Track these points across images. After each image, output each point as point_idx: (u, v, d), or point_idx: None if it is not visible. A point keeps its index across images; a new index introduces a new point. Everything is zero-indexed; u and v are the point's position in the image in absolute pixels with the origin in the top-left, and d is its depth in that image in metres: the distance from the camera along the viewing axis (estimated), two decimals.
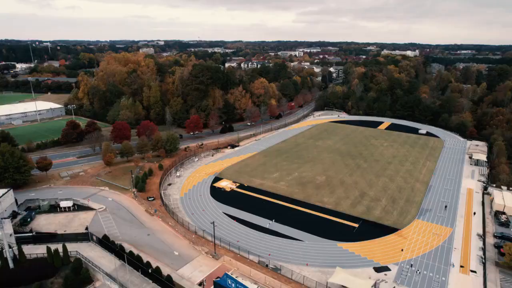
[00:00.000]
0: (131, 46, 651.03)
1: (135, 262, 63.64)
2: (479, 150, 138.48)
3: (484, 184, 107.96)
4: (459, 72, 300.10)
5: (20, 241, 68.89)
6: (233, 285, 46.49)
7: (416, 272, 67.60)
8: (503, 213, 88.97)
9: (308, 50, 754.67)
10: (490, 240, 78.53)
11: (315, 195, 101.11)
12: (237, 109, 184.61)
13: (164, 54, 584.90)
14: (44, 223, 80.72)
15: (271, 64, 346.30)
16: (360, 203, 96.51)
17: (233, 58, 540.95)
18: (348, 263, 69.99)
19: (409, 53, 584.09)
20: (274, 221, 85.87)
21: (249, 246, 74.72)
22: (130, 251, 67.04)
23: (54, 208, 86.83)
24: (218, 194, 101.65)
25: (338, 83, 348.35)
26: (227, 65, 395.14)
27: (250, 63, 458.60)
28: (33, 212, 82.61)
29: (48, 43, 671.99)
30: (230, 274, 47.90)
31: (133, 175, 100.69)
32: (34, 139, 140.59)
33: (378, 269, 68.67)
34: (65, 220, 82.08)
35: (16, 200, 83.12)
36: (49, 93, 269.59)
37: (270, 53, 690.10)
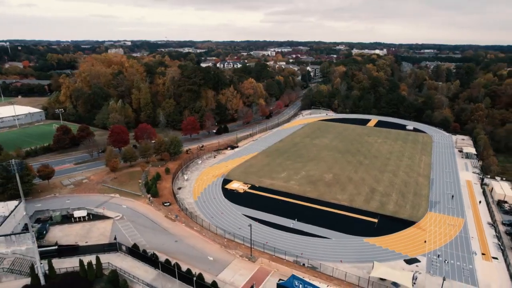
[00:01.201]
0: (99, 47, 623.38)
1: (175, 270, 61.71)
2: (466, 144, 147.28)
3: (480, 176, 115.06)
4: (431, 71, 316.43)
5: (44, 256, 64.61)
6: (300, 286, 46.47)
7: (444, 262, 70.98)
8: (505, 202, 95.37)
9: (279, 50, 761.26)
10: (501, 228, 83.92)
11: (328, 192, 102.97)
12: (229, 110, 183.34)
13: (134, 54, 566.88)
14: (60, 235, 76.06)
15: (248, 64, 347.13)
16: (373, 198, 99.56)
17: (208, 58, 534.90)
18: (380, 257, 71.99)
19: (377, 52, 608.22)
20: (297, 220, 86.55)
21: (279, 246, 74.68)
22: (167, 259, 64.90)
23: (67, 219, 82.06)
24: (232, 196, 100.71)
25: (317, 82, 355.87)
26: (203, 65, 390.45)
27: (226, 63, 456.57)
28: (47, 224, 77.61)
29: (7, 43, 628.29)
30: (297, 275, 47.78)
31: (144, 180, 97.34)
32: (18, 146, 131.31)
33: (408, 261, 71.36)
34: (83, 231, 77.86)
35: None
36: (19, 97, 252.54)
37: (243, 53, 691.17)
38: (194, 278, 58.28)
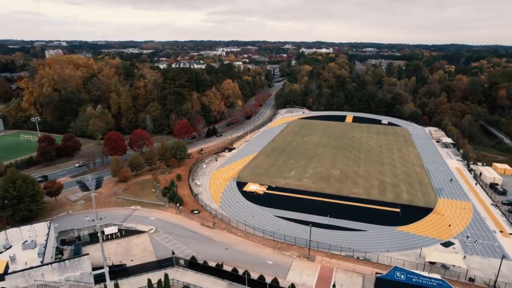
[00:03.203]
0: (32, 47, 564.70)
1: (249, 279, 60.29)
2: (440, 134, 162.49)
3: (465, 163, 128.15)
4: (384, 68, 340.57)
5: (99, 279, 58.88)
6: (402, 276, 48.64)
7: (474, 242, 78.57)
8: (497, 184, 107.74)
9: (229, 49, 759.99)
10: (503, 207, 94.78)
11: (343, 188, 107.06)
12: (213, 111, 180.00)
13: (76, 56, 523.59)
14: (97, 255, 69.18)
15: (213, 64, 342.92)
16: (386, 189, 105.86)
17: (161, 59, 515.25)
18: (419, 243, 77.40)
19: (325, 50, 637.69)
20: (329, 216, 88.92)
21: (324, 243, 76.30)
22: (234, 268, 63.03)
23: (95, 237, 74.92)
24: (253, 198, 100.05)
25: (278, 81, 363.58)
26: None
27: (181, 63, 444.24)
28: (79, 245, 70.28)
29: None
30: (399, 267, 49.80)
31: (158, 189, 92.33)
32: None
33: (445, 244, 77.65)
34: (121, 249, 71.93)
35: None
36: None
37: (192, 53, 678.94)
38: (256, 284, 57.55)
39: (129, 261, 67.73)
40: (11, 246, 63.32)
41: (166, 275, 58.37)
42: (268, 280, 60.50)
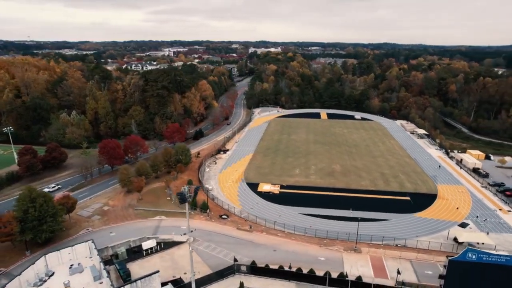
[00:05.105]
0: None
1: (316, 276, 60.91)
2: (412, 127, 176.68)
3: (445, 151, 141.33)
4: (340, 66, 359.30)
5: None
6: (473, 256, 52.98)
7: (484, 221, 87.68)
8: (478, 168, 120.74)
9: (175, 49, 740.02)
10: (492, 188, 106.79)
11: (350, 181, 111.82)
12: (194, 113, 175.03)
13: (3, 57, 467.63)
14: (143, 272, 64.02)
15: (175, 65, 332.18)
16: (389, 180, 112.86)
17: (108, 60, 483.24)
18: (441, 226, 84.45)
19: (273, 49, 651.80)
20: (352, 209, 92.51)
21: (362, 234, 79.48)
22: (299, 268, 63.06)
23: (133, 253, 69.49)
24: (272, 198, 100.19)
25: (238, 81, 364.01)
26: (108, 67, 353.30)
27: (134, 65, 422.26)
28: (123, 263, 64.52)
29: None
30: (471, 248, 53.96)
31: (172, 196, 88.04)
32: None
33: (462, 225, 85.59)
34: (166, 262, 67.61)
35: None
36: None
37: (139, 54, 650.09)
38: (349, 280, 59.02)
39: (182, 275, 63.96)
40: (53, 273, 56.16)
41: (241, 283, 56.62)
42: (334, 275, 61.78)
